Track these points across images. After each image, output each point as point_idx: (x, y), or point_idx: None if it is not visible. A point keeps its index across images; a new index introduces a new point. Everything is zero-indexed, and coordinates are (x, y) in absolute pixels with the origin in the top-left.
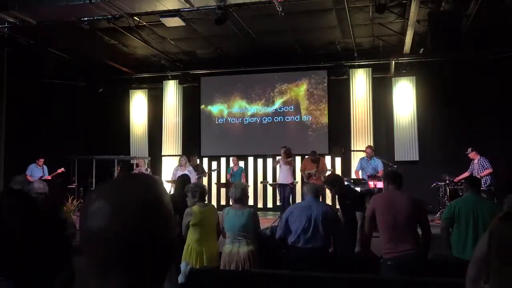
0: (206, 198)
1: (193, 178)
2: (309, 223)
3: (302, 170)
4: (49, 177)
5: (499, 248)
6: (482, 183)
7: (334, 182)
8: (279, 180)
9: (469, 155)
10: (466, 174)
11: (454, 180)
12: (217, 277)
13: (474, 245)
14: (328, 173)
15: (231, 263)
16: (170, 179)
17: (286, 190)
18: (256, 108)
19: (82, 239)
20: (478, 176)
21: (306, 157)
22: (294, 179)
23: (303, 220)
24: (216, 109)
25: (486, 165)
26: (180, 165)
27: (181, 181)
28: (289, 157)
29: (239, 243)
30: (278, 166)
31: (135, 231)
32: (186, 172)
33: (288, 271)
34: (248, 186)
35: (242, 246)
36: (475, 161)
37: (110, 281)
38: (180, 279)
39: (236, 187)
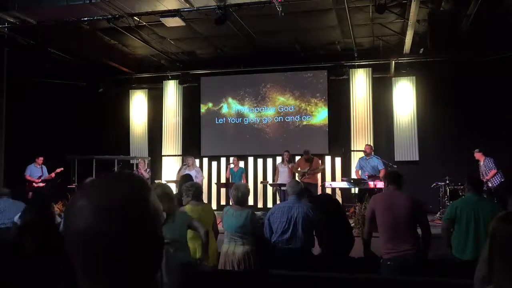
0: (206, 198)
1: (199, 178)
2: (289, 224)
3: (295, 169)
4: (49, 177)
5: (502, 248)
6: (490, 185)
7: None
8: (279, 181)
9: (475, 155)
10: (494, 171)
11: (486, 178)
12: (217, 277)
13: (475, 246)
14: (321, 171)
15: (228, 263)
16: (173, 179)
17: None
18: (256, 108)
19: (67, 241)
20: (485, 179)
21: (300, 157)
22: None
23: (283, 222)
24: (216, 109)
25: (491, 165)
26: (187, 165)
27: (185, 180)
28: (290, 162)
29: (235, 243)
30: (278, 170)
31: (119, 230)
32: (193, 171)
33: (288, 271)
34: (248, 188)
35: (238, 246)
36: (481, 162)
37: (98, 284)
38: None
39: (238, 189)
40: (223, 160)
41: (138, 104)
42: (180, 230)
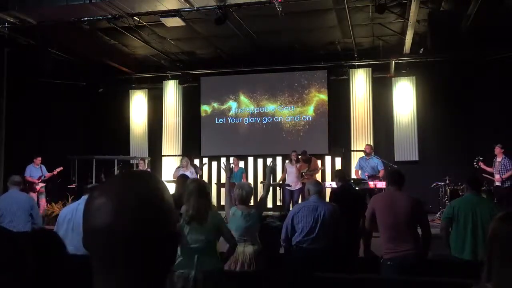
0: None
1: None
2: (316, 223)
3: None
4: (49, 175)
5: (502, 249)
6: (506, 185)
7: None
8: (288, 181)
9: (495, 149)
10: (511, 173)
11: (503, 177)
12: (229, 278)
13: (473, 245)
14: (319, 171)
15: (236, 263)
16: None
17: (295, 194)
18: (256, 108)
19: (85, 236)
20: (499, 177)
21: (298, 157)
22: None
23: (310, 221)
24: (216, 109)
25: (509, 166)
26: (182, 166)
27: (182, 181)
28: (298, 162)
29: (245, 243)
30: (286, 169)
31: (137, 227)
32: (188, 172)
33: (289, 271)
34: (252, 187)
35: (248, 246)
36: (498, 159)
37: (114, 278)
38: None
39: (242, 188)
40: (223, 160)
41: (138, 104)
42: (209, 232)
